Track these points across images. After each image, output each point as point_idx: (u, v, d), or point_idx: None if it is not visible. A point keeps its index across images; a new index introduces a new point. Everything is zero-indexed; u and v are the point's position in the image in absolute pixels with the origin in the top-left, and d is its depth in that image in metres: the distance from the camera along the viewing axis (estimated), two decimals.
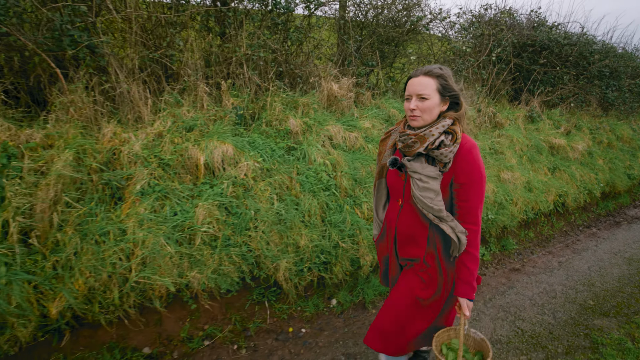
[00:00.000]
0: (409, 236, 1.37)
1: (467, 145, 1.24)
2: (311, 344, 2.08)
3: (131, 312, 1.75)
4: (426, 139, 1.22)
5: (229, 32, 2.67)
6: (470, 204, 1.26)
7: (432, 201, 1.24)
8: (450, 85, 1.25)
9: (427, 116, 1.24)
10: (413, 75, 1.27)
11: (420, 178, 1.24)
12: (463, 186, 1.25)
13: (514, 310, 2.57)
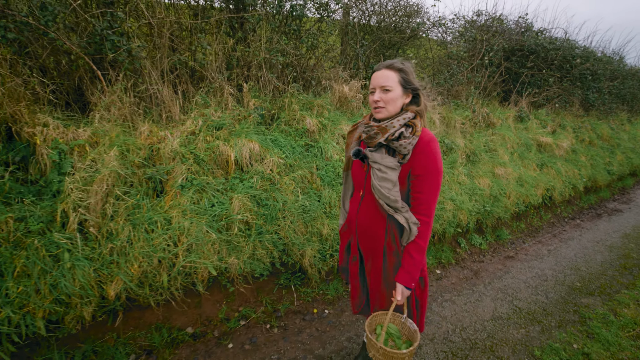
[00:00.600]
0: (368, 227, 1.41)
1: (426, 138, 1.27)
2: (335, 323, 2.30)
3: (177, 295, 1.93)
4: (387, 130, 1.26)
5: (249, 37, 2.85)
6: (424, 195, 1.28)
7: (389, 191, 1.27)
8: (411, 80, 1.28)
9: (391, 107, 1.27)
10: (376, 69, 1.31)
11: (380, 168, 1.28)
12: (419, 178, 1.27)
13: (511, 292, 2.85)
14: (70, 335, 1.75)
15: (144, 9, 2.34)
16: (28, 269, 1.62)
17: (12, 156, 1.91)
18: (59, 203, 1.80)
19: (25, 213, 1.73)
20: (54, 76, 2.17)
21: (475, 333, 2.30)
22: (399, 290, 1.35)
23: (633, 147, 6.83)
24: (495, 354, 2.11)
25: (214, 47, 2.69)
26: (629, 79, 7.80)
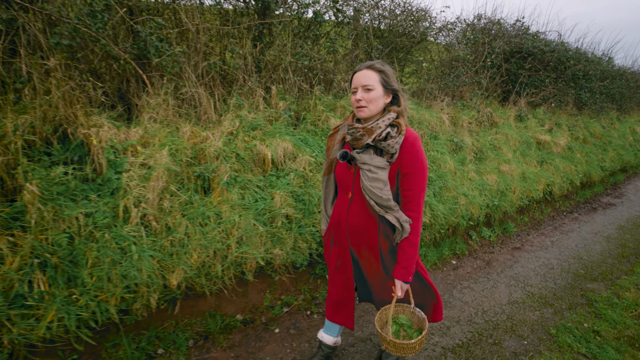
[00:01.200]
0: (360, 228, 1.43)
1: (411, 137, 1.31)
2: (367, 309, 2.48)
3: (229, 284, 2.08)
4: (374, 131, 1.27)
5: (276, 42, 3.00)
6: (413, 192, 1.32)
7: (381, 191, 1.30)
8: (391, 81, 1.31)
9: (373, 107, 1.29)
10: (357, 70, 1.33)
11: (370, 169, 1.30)
12: (407, 176, 1.31)
13: (522, 279, 3.07)
14: (136, 322, 1.88)
15: (184, 16, 2.47)
16: (100, 261, 1.75)
17: (70, 156, 2.03)
18: (120, 199, 1.93)
19: (91, 209, 1.85)
20: (104, 80, 2.28)
21: (496, 315, 2.51)
22: (398, 285, 1.40)
23: (623, 144, 7.19)
24: (516, 333, 2.32)
25: (245, 51, 2.83)
26: (617, 79, 8.17)
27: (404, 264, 1.38)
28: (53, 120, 2.06)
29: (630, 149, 7.30)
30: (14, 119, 1.91)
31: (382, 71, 1.29)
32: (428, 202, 3.15)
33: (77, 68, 2.19)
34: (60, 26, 2.09)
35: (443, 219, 3.18)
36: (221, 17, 2.87)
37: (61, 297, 1.63)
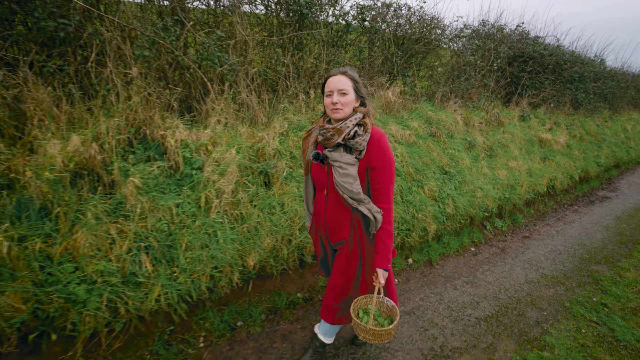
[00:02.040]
0: (337, 221, 1.54)
1: (377, 135, 1.42)
2: (405, 289, 2.80)
3: (292, 265, 2.38)
4: (343, 131, 1.37)
5: (316, 50, 3.30)
6: (383, 185, 1.43)
7: (351, 185, 1.39)
8: (361, 88, 1.44)
9: (347, 109, 1.40)
10: (332, 75, 1.43)
11: (340, 165, 1.40)
12: (376, 170, 1.41)
13: (535, 263, 3.43)
14: (219, 298, 2.17)
15: (240, 28, 2.76)
16: (192, 244, 2.03)
17: (152, 154, 2.30)
18: (201, 191, 2.22)
19: (179, 200, 2.14)
20: (176, 87, 2.56)
21: (517, 292, 2.86)
22: (380, 274, 1.49)
23: (615, 141, 7.65)
24: (536, 306, 2.67)
25: (288, 60, 3.12)
26: (609, 79, 8.65)
27: (383, 252, 1.47)
28: (133, 123, 2.34)
29: (622, 146, 7.77)
30: (106, 122, 2.18)
31: (354, 78, 1.42)
32: (451, 195, 3.48)
33: (153, 76, 2.46)
34: (141, 39, 2.36)
35: (463, 210, 3.53)
36: (266, 29, 3.16)
37: (164, 275, 1.92)
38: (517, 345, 2.22)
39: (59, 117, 2.11)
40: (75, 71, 2.20)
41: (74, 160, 1.96)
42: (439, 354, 2.11)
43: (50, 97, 2.09)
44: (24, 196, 1.80)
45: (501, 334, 2.33)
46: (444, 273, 3.12)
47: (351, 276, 1.60)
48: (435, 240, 3.41)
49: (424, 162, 3.57)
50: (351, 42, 3.78)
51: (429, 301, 2.65)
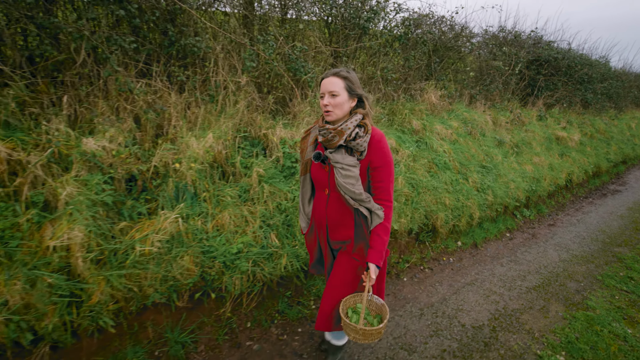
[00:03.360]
0: (339, 221, 1.54)
1: (377, 136, 1.43)
2: (460, 266, 3.26)
3: None
4: (344, 133, 1.37)
5: (375, 59, 3.74)
6: (384, 184, 1.45)
7: (353, 186, 1.39)
8: (355, 88, 1.40)
9: (339, 111, 1.39)
10: (324, 77, 1.42)
11: (342, 167, 1.40)
12: (377, 169, 1.43)
13: (564, 246, 3.90)
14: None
15: (317, 39, 3.19)
16: None
17: (259, 150, 2.74)
18: None
19: (289, 187, 2.58)
20: (273, 92, 2.99)
21: (554, 269, 3.33)
22: (372, 269, 1.46)
23: (622, 139, 8.16)
24: (573, 279, 3.14)
25: (355, 67, 3.56)
26: (614, 80, 9.16)
27: (379, 247, 1.46)
28: (240, 123, 2.77)
29: (628, 143, 8.28)
30: (225, 123, 2.62)
31: (347, 78, 1.39)
32: (490, 186, 3.94)
33: (255, 83, 2.89)
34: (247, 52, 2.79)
35: (500, 200, 3.99)
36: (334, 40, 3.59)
37: (288, 247, 2.36)
38: (564, 307, 2.69)
39: (189, 118, 2.54)
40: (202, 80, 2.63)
41: (210, 154, 2.40)
42: (503, 314, 2.57)
43: (183, 102, 2.52)
44: (179, 183, 2.23)
45: (550, 299, 2.80)
46: (488, 253, 3.58)
47: (353, 278, 1.58)
48: (477, 226, 3.87)
49: (466, 157, 4.03)
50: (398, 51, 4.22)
51: (483, 275, 3.11)
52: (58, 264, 1.66)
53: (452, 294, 2.79)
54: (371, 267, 1.46)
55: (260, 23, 2.99)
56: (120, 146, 2.13)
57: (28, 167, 1.83)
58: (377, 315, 1.60)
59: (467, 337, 2.30)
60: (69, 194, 1.80)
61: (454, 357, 2.11)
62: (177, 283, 1.96)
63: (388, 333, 2.28)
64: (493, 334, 2.34)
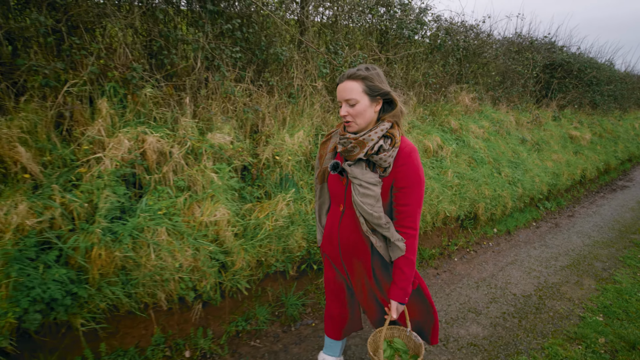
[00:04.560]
0: (353, 244, 1.36)
1: (407, 149, 1.21)
2: (499, 249, 3.70)
3: (431, 228, 3.25)
4: (366, 144, 1.18)
5: (418, 65, 4.16)
6: (410, 208, 1.23)
7: (372, 208, 1.21)
8: (377, 85, 1.19)
9: (360, 120, 1.20)
10: (339, 81, 1.23)
11: (361, 184, 1.21)
12: (402, 190, 1.22)
13: (585, 233, 4.35)
14: None
15: (377, 50, 3.60)
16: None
17: None
18: None
19: None
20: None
21: (581, 252, 3.77)
22: (394, 307, 1.30)
23: (627, 138, 8.65)
24: (599, 260, 3.58)
25: (399, 72, 3.98)
26: (619, 82, 9.64)
27: (401, 284, 1.28)
28: (315, 122, 3.18)
29: (633, 142, 8.77)
30: (308, 122, 3.02)
31: (366, 78, 1.18)
32: (520, 180, 4.38)
33: (327, 87, 3.30)
34: (321, 59, 3.20)
35: (528, 192, 4.43)
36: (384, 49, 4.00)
37: None
38: (595, 281, 3.13)
39: (278, 117, 2.95)
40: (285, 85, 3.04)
41: (302, 148, 2.81)
42: (545, 286, 3.01)
43: (274, 103, 2.93)
44: (282, 173, 2.64)
45: (582, 275, 3.24)
46: (521, 239, 4.02)
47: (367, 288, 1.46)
48: (509, 216, 4.31)
49: (497, 153, 4.47)
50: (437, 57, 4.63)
51: (521, 256, 3.55)
52: (212, 236, 2.07)
53: (498, 271, 3.23)
54: (392, 305, 1.30)
55: (331, 34, 3.39)
56: (235, 140, 2.53)
57: (170, 157, 2.24)
58: (414, 355, 1.41)
59: (520, 303, 2.73)
60: (209, 179, 2.21)
61: (512, 317, 2.55)
62: (291, 255, 2.37)
63: (455, 300, 2.71)
64: (541, 301, 2.77)
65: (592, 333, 2.35)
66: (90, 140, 2.04)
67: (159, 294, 1.86)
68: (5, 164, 1.83)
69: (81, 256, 1.70)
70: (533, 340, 2.30)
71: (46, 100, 2.06)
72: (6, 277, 1.51)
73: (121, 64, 2.28)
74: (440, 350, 2.17)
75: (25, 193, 1.80)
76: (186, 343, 1.99)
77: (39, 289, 1.52)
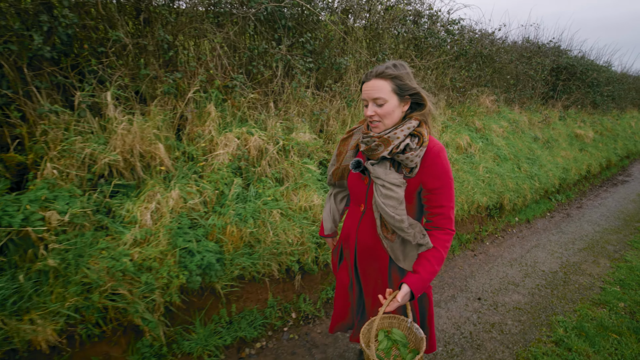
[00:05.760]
0: (371, 247, 1.31)
1: (435, 148, 1.16)
2: (522, 235, 4.18)
3: (468, 215, 3.71)
4: (390, 142, 1.12)
5: (446, 71, 4.61)
6: (445, 209, 1.19)
7: (394, 210, 1.16)
8: (407, 84, 1.13)
9: (388, 121, 1.15)
10: (365, 79, 1.17)
11: (384, 184, 1.16)
12: (435, 192, 1.17)
13: (594, 222, 4.85)
14: None
15: (413, 55, 4.04)
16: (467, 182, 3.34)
17: None
18: None
19: None
20: None
21: (594, 237, 4.26)
22: (404, 291, 1.17)
23: (625, 136, 9.22)
24: (610, 243, 4.08)
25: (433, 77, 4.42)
26: (617, 83, 10.21)
27: (425, 275, 1.19)
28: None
29: (630, 139, 9.34)
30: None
31: (396, 77, 1.12)
32: (536, 174, 4.86)
33: None
34: (368, 68, 3.62)
35: (543, 186, 4.92)
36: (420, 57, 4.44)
37: None
38: (609, 261, 3.62)
39: (340, 119, 3.37)
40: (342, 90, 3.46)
41: None
42: (568, 264, 3.48)
43: (336, 107, 3.35)
44: None
45: (597, 255, 3.73)
46: (539, 227, 4.51)
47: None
48: (527, 207, 4.79)
49: (516, 150, 4.94)
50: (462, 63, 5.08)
51: (542, 241, 4.03)
52: (311, 219, 2.49)
53: (526, 252, 3.70)
54: (403, 288, 1.18)
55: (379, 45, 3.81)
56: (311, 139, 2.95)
57: (267, 153, 2.65)
58: (414, 350, 1.23)
59: (549, 277, 3.20)
60: (299, 171, 2.63)
61: (545, 288, 3.02)
62: None
63: (495, 275, 3.17)
64: (566, 276, 3.25)
65: (613, 299, 2.83)
66: (205, 138, 2.44)
67: (273, 265, 2.28)
68: (146, 158, 2.23)
69: (218, 233, 2.12)
70: (565, 305, 2.77)
71: (166, 105, 2.46)
72: (173, 247, 1.92)
73: (222, 73, 2.69)
74: (492, 312, 2.63)
75: (164, 182, 2.20)
76: (291, 306, 2.42)
77: (198, 257, 1.93)
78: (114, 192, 2.02)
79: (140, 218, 1.95)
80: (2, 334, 1.52)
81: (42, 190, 1.75)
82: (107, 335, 1.79)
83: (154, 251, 1.82)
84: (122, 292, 1.72)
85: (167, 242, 1.90)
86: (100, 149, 2.00)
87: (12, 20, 1.94)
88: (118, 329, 1.81)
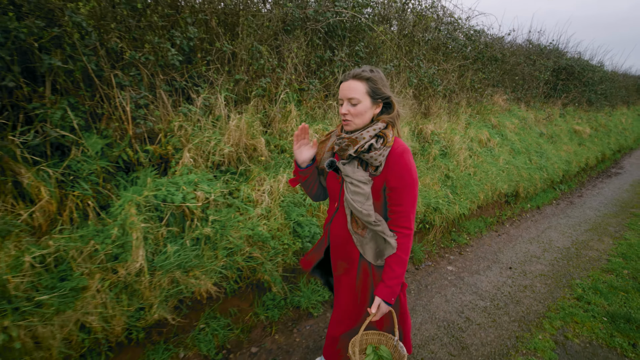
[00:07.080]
0: (342, 242, 1.41)
1: (399, 149, 1.24)
2: (535, 219, 4.76)
3: (477, 207, 4.26)
4: (357, 142, 1.22)
5: (466, 74, 5.14)
6: (404, 208, 1.26)
7: (362, 205, 1.25)
8: (380, 89, 1.23)
9: (359, 120, 1.24)
10: (344, 79, 1.25)
11: (352, 181, 1.26)
12: (395, 190, 1.25)
13: (595, 208, 5.47)
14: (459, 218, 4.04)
15: (443, 62, 4.55)
16: (462, 180, 3.87)
17: (420, 139, 4.09)
18: (455, 158, 4.04)
19: (450, 162, 3.96)
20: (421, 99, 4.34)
21: (596, 220, 4.88)
22: (376, 304, 1.28)
23: (617, 131, 9.94)
24: (611, 226, 4.69)
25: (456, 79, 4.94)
26: (609, 82, 10.92)
27: (390, 282, 1.29)
28: (408, 122, 4.12)
29: (621, 134, 10.08)
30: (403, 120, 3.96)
31: (370, 79, 1.22)
32: (545, 166, 5.45)
33: (414, 94, 4.23)
34: (410, 72, 4.12)
35: (550, 176, 5.51)
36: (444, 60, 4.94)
37: (464, 196, 3.75)
38: (612, 239, 4.22)
39: None
40: None
41: (408, 142, 3.74)
42: (577, 242, 4.07)
43: None
44: None
45: (601, 235, 4.34)
46: (548, 213, 5.11)
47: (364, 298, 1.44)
48: (536, 195, 5.39)
49: (527, 144, 5.52)
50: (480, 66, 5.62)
51: (553, 224, 4.63)
52: None
53: (541, 233, 4.28)
54: (376, 302, 1.30)
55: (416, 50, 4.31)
56: None
57: None
58: None
59: (564, 252, 3.78)
60: None
61: (562, 260, 3.59)
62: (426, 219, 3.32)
63: (519, 250, 3.74)
64: (577, 251, 3.83)
65: (618, 267, 3.42)
66: (291, 133, 2.92)
67: None
68: (250, 150, 2.70)
69: (315, 210, 2.60)
70: (580, 272, 3.34)
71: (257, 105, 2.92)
72: (287, 221, 2.41)
73: (297, 77, 3.15)
74: (522, 278, 3.19)
75: (265, 170, 2.68)
76: None
77: (306, 228, 2.42)
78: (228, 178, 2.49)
79: (256, 198, 2.42)
80: (177, 287, 2.00)
81: (189, 175, 2.21)
82: (242, 290, 2.27)
83: (276, 223, 2.30)
84: (256, 255, 2.21)
85: (283, 217, 2.39)
86: (221, 142, 2.46)
87: (152, 35, 2.37)
88: (249, 285, 2.29)
